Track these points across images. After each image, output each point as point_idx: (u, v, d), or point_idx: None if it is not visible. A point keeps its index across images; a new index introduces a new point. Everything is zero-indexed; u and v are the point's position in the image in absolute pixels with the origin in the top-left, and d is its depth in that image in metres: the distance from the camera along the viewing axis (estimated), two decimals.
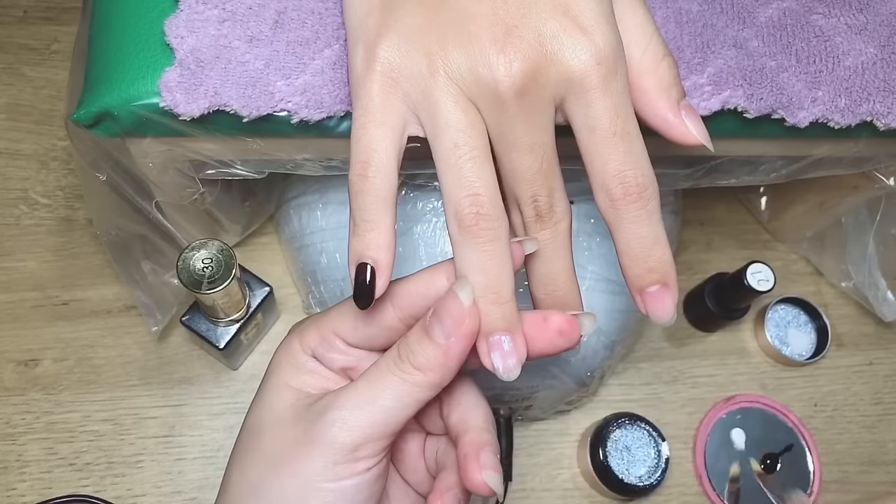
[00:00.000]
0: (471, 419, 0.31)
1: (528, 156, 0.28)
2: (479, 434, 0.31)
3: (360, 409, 0.28)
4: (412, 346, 0.28)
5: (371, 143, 0.28)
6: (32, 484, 0.49)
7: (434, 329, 0.28)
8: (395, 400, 0.28)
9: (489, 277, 0.28)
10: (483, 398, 0.32)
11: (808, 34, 0.38)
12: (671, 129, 0.29)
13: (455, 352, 0.28)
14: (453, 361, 0.28)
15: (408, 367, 0.28)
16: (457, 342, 0.28)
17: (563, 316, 0.29)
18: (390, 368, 0.29)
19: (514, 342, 0.28)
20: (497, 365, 0.28)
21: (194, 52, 0.34)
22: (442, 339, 0.28)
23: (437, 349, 0.28)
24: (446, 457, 0.33)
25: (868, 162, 0.44)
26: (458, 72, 0.27)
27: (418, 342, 0.28)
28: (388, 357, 0.29)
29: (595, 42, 0.27)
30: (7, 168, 0.57)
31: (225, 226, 0.51)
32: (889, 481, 0.55)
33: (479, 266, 0.28)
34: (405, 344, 0.29)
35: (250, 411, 0.32)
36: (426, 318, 0.29)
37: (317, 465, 0.28)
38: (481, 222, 0.27)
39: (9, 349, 0.52)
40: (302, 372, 0.31)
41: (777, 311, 0.58)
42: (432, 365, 0.28)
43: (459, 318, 0.28)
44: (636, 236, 0.28)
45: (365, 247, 0.28)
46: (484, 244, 0.28)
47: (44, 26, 0.62)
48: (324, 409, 0.29)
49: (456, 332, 0.28)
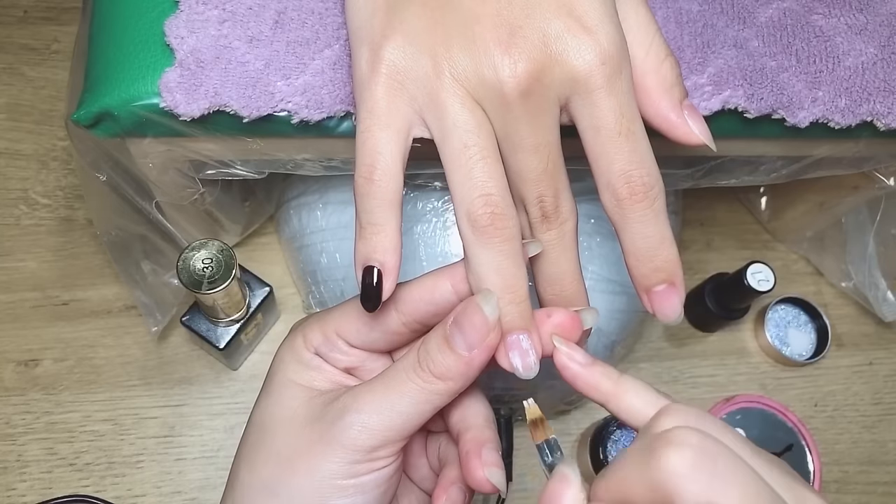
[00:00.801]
0: (471, 417, 0.31)
1: (533, 156, 0.28)
2: (481, 431, 0.31)
3: (379, 413, 0.28)
4: (432, 354, 0.28)
5: (376, 146, 0.28)
6: (32, 484, 0.49)
7: (456, 339, 0.28)
8: (413, 406, 0.28)
9: (506, 277, 0.28)
10: (482, 396, 0.32)
11: (809, 34, 0.38)
12: (674, 128, 0.29)
13: (477, 363, 0.28)
14: (474, 371, 0.28)
15: (427, 376, 0.28)
16: (479, 354, 0.28)
17: (566, 312, 0.29)
18: (409, 376, 0.28)
19: (532, 340, 0.28)
20: (517, 364, 0.28)
21: (194, 53, 0.34)
22: (464, 351, 0.28)
23: (459, 359, 0.28)
24: (448, 453, 0.33)
25: (868, 162, 0.44)
26: (463, 73, 0.27)
27: (439, 351, 0.28)
28: (406, 363, 0.29)
29: (599, 42, 0.27)
30: (7, 168, 0.57)
31: (225, 226, 0.51)
32: (889, 481, 0.55)
33: (495, 266, 0.28)
34: (425, 351, 0.29)
35: (257, 408, 0.31)
36: (446, 325, 0.29)
37: (335, 466, 0.28)
38: (496, 222, 0.27)
39: (9, 349, 0.52)
40: (308, 368, 0.31)
41: (777, 311, 0.58)
42: (453, 374, 0.28)
43: (484, 331, 0.28)
44: (642, 236, 0.28)
45: (371, 249, 0.28)
46: (500, 244, 0.28)
47: (44, 26, 0.62)
48: (342, 411, 0.29)
49: (480, 344, 0.28)
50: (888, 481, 0.55)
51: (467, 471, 0.30)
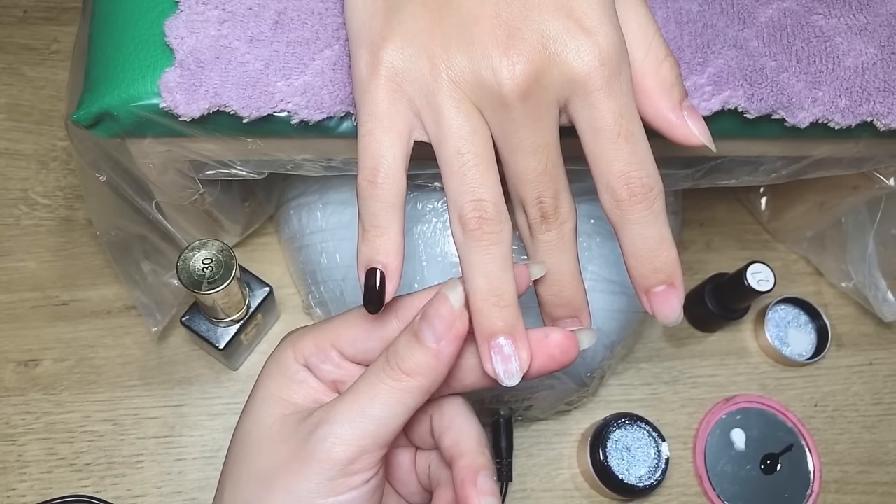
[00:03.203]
0: (464, 441, 0.31)
1: (532, 157, 0.28)
2: (475, 458, 0.30)
3: (351, 421, 0.28)
4: (401, 351, 0.28)
5: (379, 149, 0.28)
6: (32, 484, 0.49)
7: (424, 332, 0.28)
8: (385, 408, 0.28)
9: (491, 280, 0.28)
10: (475, 418, 0.32)
11: (809, 34, 0.38)
12: (673, 129, 0.29)
13: (446, 355, 0.28)
14: (444, 365, 0.28)
15: (397, 374, 0.28)
16: (447, 345, 0.28)
17: (563, 332, 0.29)
18: (379, 377, 0.28)
19: (516, 345, 0.28)
20: (498, 370, 0.28)
21: (194, 53, 0.34)
22: (433, 343, 0.28)
23: (428, 353, 0.28)
24: (440, 472, 0.33)
25: (868, 162, 0.44)
26: (461, 75, 0.27)
27: (408, 347, 0.28)
28: (376, 366, 0.29)
29: (598, 43, 0.27)
30: (7, 168, 0.57)
31: (225, 226, 0.51)
32: (889, 481, 0.55)
33: (481, 269, 0.28)
34: (393, 350, 0.29)
35: (239, 423, 0.31)
36: (414, 322, 0.29)
37: (311, 483, 0.28)
38: (484, 226, 0.28)
39: (9, 349, 0.52)
40: (291, 382, 0.31)
41: (777, 312, 0.58)
42: (423, 369, 0.28)
43: (450, 320, 0.28)
44: (642, 237, 0.28)
45: (374, 252, 0.28)
46: (487, 247, 0.28)
47: (44, 26, 0.62)
48: (315, 426, 0.28)
49: (447, 334, 0.28)
50: (888, 481, 0.55)
51: (463, 499, 0.30)
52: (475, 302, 0.28)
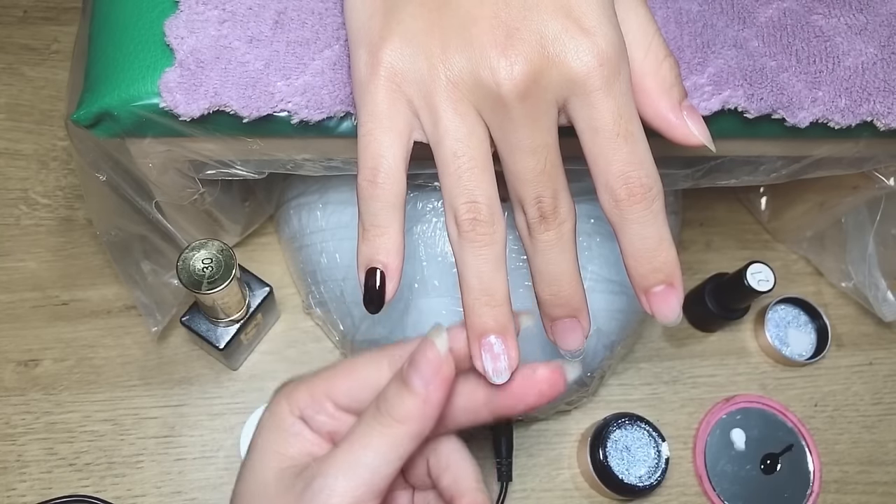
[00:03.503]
0: (463, 480, 0.31)
1: (531, 157, 0.28)
2: (475, 495, 0.31)
3: (345, 473, 0.28)
4: (391, 398, 0.28)
5: (379, 149, 0.28)
6: (32, 484, 0.49)
7: (412, 378, 0.28)
8: (378, 456, 0.28)
9: (483, 280, 0.28)
10: (470, 455, 0.32)
11: (809, 34, 0.38)
12: (673, 129, 0.29)
13: (434, 399, 0.28)
14: (433, 409, 0.28)
15: (387, 421, 0.28)
16: (435, 390, 0.28)
17: (549, 368, 0.30)
18: (371, 425, 0.28)
19: (506, 345, 0.29)
20: (487, 367, 0.28)
21: (194, 53, 0.34)
22: (421, 388, 0.28)
23: (417, 398, 0.28)
24: None
25: (868, 162, 0.44)
26: (459, 75, 0.27)
27: (397, 394, 0.28)
28: (367, 414, 0.29)
29: (597, 43, 0.27)
30: (7, 168, 0.57)
31: (225, 226, 0.51)
32: (889, 481, 0.55)
33: (474, 269, 0.28)
34: (383, 397, 0.28)
35: (239, 476, 0.31)
36: (402, 369, 0.29)
37: None
38: (477, 227, 0.28)
39: (9, 349, 0.52)
40: (287, 435, 0.30)
41: (777, 312, 0.58)
42: (413, 415, 0.28)
43: (437, 364, 0.28)
44: (641, 237, 0.28)
45: (374, 251, 0.28)
46: (480, 248, 0.28)
47: (44, 26, 0.62)
48: (310, 480, 0.28)
49: (434, 378, 0.28)
50: (888, 481, 0.55)
51: None
52: (468, 300, 0.29)
